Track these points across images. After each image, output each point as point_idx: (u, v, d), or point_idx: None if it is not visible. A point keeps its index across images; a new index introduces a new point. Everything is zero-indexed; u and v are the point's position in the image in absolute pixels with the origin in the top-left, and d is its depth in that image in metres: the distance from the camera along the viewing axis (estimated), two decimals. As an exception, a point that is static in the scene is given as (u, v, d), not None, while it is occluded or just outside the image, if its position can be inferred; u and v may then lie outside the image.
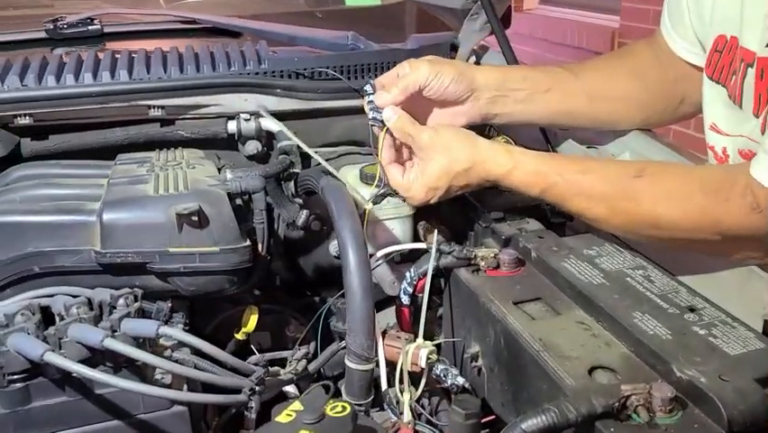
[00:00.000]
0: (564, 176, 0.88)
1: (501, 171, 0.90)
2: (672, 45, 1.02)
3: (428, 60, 0.99)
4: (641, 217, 0.83)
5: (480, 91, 1.01)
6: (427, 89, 0.98)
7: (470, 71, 1.01)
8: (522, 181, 0.90)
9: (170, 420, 0.76)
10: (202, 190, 0.92)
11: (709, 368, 0.66)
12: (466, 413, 0.59)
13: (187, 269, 0.89)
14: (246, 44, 1.31)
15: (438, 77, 0.97)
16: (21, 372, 0.70)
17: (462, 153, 0.91)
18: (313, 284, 1.28)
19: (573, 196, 0.88)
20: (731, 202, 0.75)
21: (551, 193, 0.89)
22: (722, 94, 0.89)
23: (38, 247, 0.85)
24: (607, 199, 0.85)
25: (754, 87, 0.82)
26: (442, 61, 1.00)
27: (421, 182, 0.93)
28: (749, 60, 0.82)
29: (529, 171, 0.89)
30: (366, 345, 0.82)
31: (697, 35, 0.98)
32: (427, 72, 0.97)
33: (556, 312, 0.80)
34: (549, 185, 0.88)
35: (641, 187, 0.83)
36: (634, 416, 0.63)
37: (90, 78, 1.15)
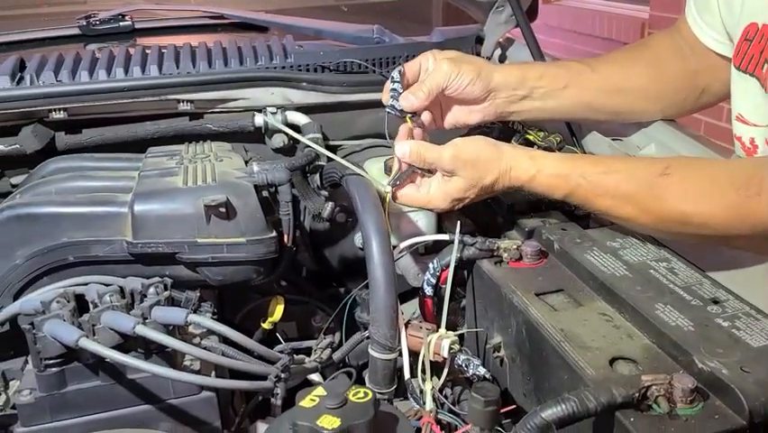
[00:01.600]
0: (588, 177, 0.87)
1: (525, 177, 0.90)
2: (699, 34, 1.01)
3: (449, 59, 0.99)
4: (669, 215, 0.82)
5: (498, 91, 1.02)
6: (448, 89, 0.99)
7: (488, 71, 1.01)
8: (546, 185, 0.90)
9: (199, 405, 0.78)
10: (229, 182, 0.94)
11: (731, 360, 0.66)
12: (485, 400, 0.60)
13: (215, 259, 0.91)
14: (273, 38, 1.33)
15: (458, 77, 0.98)
16: (57, 357, 0.73)
17: (490, 166, 0.90)
18: (338, 275, 1.30)
19: (598, 197, 0.87)
20: (763, 195, 0.74)
21: (575, 195, 0.88)
22: (751, 84, 0.88)
23: (72, 237, 0.88)
24: (633, 199, 0.85)
25: None
26: (462, 60, 1.00)
27: (444, 194, 0.92)
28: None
29: (552, 175, 0.89)
30: (389, 335, 0.84)
31: (725, 25, 0.97)
32: (448, 72, 0.98)
33: (578, 303, 0.81)
34: (573, 187, 0.88)
35: (667, 185, 0.82)
36: (654, 406, 0.63)
37: (122, 74, 1.18)
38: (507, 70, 1.03)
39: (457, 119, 1.04)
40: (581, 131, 1.19)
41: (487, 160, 0.90)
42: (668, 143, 1.07)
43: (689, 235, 0.83)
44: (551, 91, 1.03)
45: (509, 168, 0.90)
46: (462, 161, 0.89)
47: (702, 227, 0.79)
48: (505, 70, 1.03)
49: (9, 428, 0.86)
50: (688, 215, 0.80)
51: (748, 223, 0.76)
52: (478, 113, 1.02)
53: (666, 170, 0.84)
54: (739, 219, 0.76)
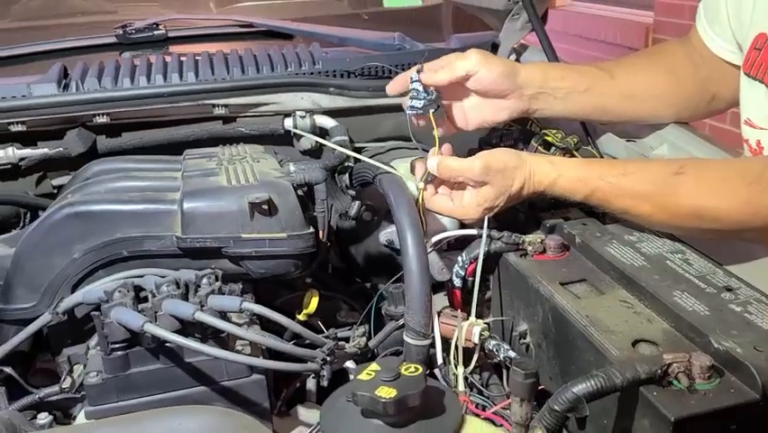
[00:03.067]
0: (606, 179, 0.92)
1: (548, 181, 0.95)
2: (710, 43, 1.08)
3: (477, 51, 1.05)
4: (685, 211, 0.88)
5: (524, 88, 1.07)
6: (475, 78, 1.03)
7: (516, 67, 1.07)
8: (567, 188, 0.95)
9: (250, 387, 0.84)
10: (270, 181, 1.01)
11: (745, 340, 0.72)
12: (526, 373, 0.66)
13: (258, 253, 0.97)
14: (300, 46, 1.40)
15: (487, 67, 1.03)
16: (121, 341, 0.79)
17: (516, 173, 0.95)
18: (363, 271, 1.35)
19: (616, 197, 0.92)
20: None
21: (595, 197, 0.94)
22: (760, 90, 0.95)
23: (126, 233, 0.94)
24: (650, 197, 0.90)
25: None
26: (491, 55, 1.06)
27: (477, 204, 0.97)
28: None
29: (572, 178, 0.95)
30: (424, 323, 0.90)
31: (734, 34, 1.03)
32: (477, 62, 1.03)
33: (600, 292, 0.87)
34: (592, 189, 0.94)
35: (682, 183, 0.88)
36: (675, 382, 0.69)
37: (161, 80, 1.24)
38: (531, 69, 1.09)
39: (484, 117, 1.09)
40: (596, 132, 1.25)
41: (513, 168, 0.96)
42: (680, 144, 1.13)
43: (703, 231, 0.89)
44: (571, 93, 1.09)
45: (532, 173, 0.96)
46: (493, 171, 0.95)
47: (716, 221, 0.85)
48: (530, 69, 1.09)
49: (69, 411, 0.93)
50: (702, 210, 0.86)
51: (760, 216, 0.82)
52: (505, 110, 1.08)
53: (680, 169, 0.90)
54: (752, 213, 0.82)
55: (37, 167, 1.26)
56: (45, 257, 0.93)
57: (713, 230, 0.87)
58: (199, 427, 0.68)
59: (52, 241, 0.93)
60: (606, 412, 0.74)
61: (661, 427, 0.66)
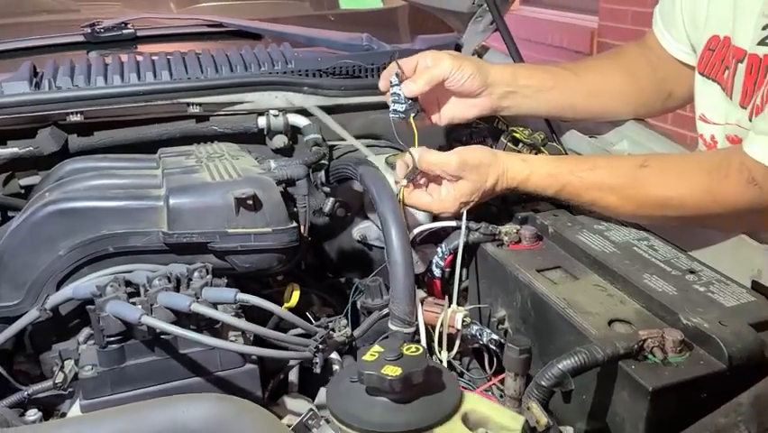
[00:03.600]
0: (576, 174, 0.98)
1: (520, 177, 1.01)
2: (666, 45, 1.15)
3: (451, 55, 1.10)
4: (649, 201, 0.94)
5: (494, 87, 1.13)
6: (448, 81, 1.09)
7: (486, 67, 1.13)
8: (539, 184, 1.01)
9: (243, 377, 0.86)
10: (254, 177, 1.03)
11: (711, 316, 0.78)
12: (520, 349, 0.70)
13: (244, 247, 0.98)
14: (271, 46, 1.42)
15: (460, 71, 1.08)
16: (117, 334, 0.80)
17: (490, 170, 1.00)
18: (336, 267, 1.38)
19: (586, 190, 0.98)
20: (730, 179, 0.87)
21: (566, 191, 1.00)
22: (713, 88, 1.02)
23: (112, 229, 0.94)
24: (617, 190, 0.96)
25: (743, 80, 0.94)
26: (462, 57, 1.12)
27: (453, 198, 1.02)
28: (740, 57, 0.95)
29: (544, 174, 1.00)
30: (408, 311, 0.93)
31: (688, 36, 1.11)
32: (450, 66, 1.08)
33: (575, 277, 0.92)
34: (563, 184, 0.99)
35: (647, 174, 0.95)
36: (650, 356, 0.75)
37: (135, 79, 1.25)
38: (500, 68, 1.15)
39: (455, 113, 1.15)
40: (561, 129, 1.31)
41: (487, 164, 1.01)
42: (639, 140, 1.20)
43: (668, 219, 0.96)
44: (539, 91, 1.15)
45: (506, 170, 1.01)
46: (469, 167, 1.00)
47: (679, 209, 0.92)
48: (499, 68, 1.15)
49: (56, 408, 0.93)
50: (667, 200, 0.93)
51: (720, 203, 0.89)
52: (475, 107, 1.13)
53: (645, 162, 0.96)
54: (711, 200, 0.89)
55: (5, 166, 1.24)
56: (29, 255, 0.93)
57: (677, 217, 0.94)
58: (202, 413, 0.69)
59: (36, 238, 0.93)
60: (585, 389, 0.79)
61: (639, 397, 0.72)
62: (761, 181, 0.84)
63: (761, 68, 0.92)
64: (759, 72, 0.92)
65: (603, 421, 0.78)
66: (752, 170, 0.85)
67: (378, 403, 0.63)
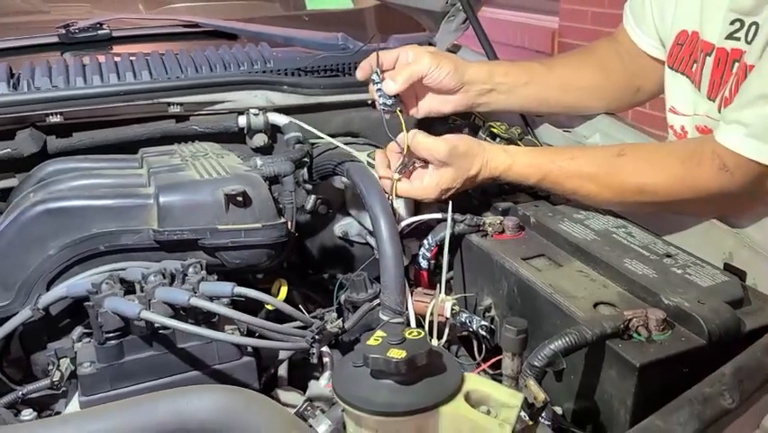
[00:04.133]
0: (557, 163, 1.02)
1: (503, 167, 1.04)
2: (637, 40, 1.20)
3: (430, 52, 1.13)
4: (626, 188, 0.98)
5: (471, 84, 1.17)
6: (427, 78, 1.12)
7: (463, 66, 1.16)
8: (521, 173, 1.04)
9: (240, 369, 0.87)
10: (242, 174, 1.04)
11: (690, 296, 0.83)
12: (517, 329, 0.73)
13: (234, 243, 1.00)
14: (248, 46, 1.43)
15: (438, 69, 1.12)
16: (115, 330, 0.80)
17: (474, 159, 1.04)
18: (318, 263, 1.40)
19: (566, 179, 1.02)
20: (703, 166, 0.92)
21: (547, 180, 1.03)
22: (682, 81, 1.07)
23: (102, 228, 0.95)
24: (595, 178, 1.00)
25: (711, 73, 1.00)
26: (441, 55, 1.15)
27: (437, 184, 1.04)
28: (708, 51, 1.01)
29: (525, 164, 1.04)
30: (399, 301, 0.96)
31: (658, 31, 1.16)
32: (429, 64, 1.11)
33: (558, 264, 0.96)
34: (545, 173, 1.03)
35: (623, 163, 0.99)
36: (635, 335, 0.78)
37: (114, 79, 1.24)
38: (478, 66, 1.18)
39: (432, 107, 1.18)
40: (535, 123, 1.36)
41: (474, 154, 1.04)
42: (610, 133, 1.25)
43: (643, 205, 1.00)
44: (514, 87, 1.19)
45: (489, 160, 1.05)
46: (457, 154, 1.03)
47: (654, 196, 0.97)
48: (476, 66, 1.18)
49: (50, 407, 0.92)
50: (642, 186, 0.97)
51: (693, 189, 0.93)
52: (451, 104, 1.17)
53: (621, 151, 1.01)
54: (685, 187, 0.94)
55: (-19, 168, 1.22)
56: (19, 255, 0.93)
57: (652, 203, 0.98)
58: (208, 404, 0.70)
59: (26, 239, 0.93)
60: (574, 370, 0.83)
61: (627, 373, 0.75)
62: (732, 168, 0.89)
63: (728, 61, 0.97)
64: (726, 65, 0.97)
65: (592, 400, 0.81)
66: (723, 157, 0.90)
67: (383, 386, 0.65)
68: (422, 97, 1.18)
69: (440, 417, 0.64)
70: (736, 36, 0.97)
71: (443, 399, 0.65)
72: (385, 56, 1.12)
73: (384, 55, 1.12)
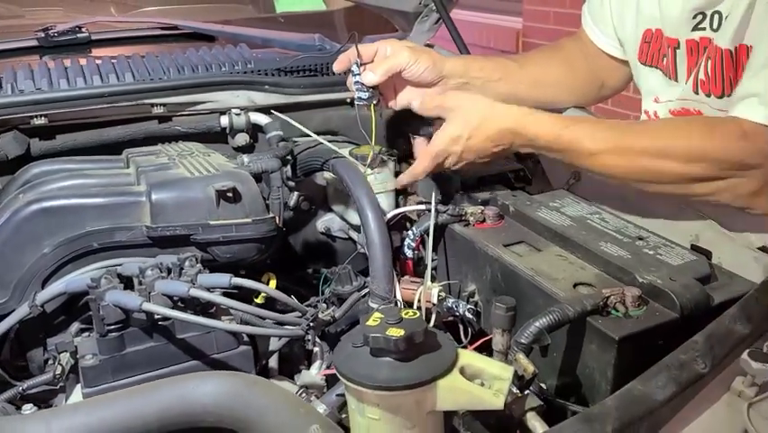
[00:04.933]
0: (578, 122, 1.05)
1: (515, 117, 1.05)
2: (595, 40, 1.27)
3: (408, 47, 1.17)
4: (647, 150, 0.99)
5: (449, 78, 1.21)
6: (405, 72, 1.16)
7: (441, 60, 1.21)
8: (539, 124, 1.04)
9: (238, 358, 0.90)
10: (231, 171, 1.07)
11: (662, 274, 0.88)
12: (507, 307, 0.78)
13: (226, 238, 1.03)
14: (228, 47, 1.45)
15: (417, 63, 1.16)
16: (116, 322, 0.83)
17: (478, 106, 1.07)
18: (302, 259, 1.43)
19: (587, 136, 1.01)
20: (724, 134, 0.96)
21: (565, 135, 1.02)
22: (656, 73, 1.14)
23: (96, 226, 0.97)
24: (616, 139, 1.01)
25: (686, 62, 1.07)
26: (419, 49, 1.19)
27: (434, 147, 1.08)
28: (674, 45, 1.08)
29: (545, 117, 1.05)
30: (387, 289, 1.00)
31: (616, 32, 1.23)
32: (408, 58, 1.15)
33: (538, 250, 1.01)
34: (566, 124, 1.03)
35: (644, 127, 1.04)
36: (613, 311, 0.84)
37: (98, 81, 1.26)
38: (454, 61, 1.23)
39: (410, 100, 1.22)
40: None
41: (476, 100, 1.10)
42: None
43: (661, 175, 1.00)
44: (487, 82, 1.24)
45: (497, 110, 1.07)
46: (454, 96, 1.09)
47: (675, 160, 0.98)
48: (453, 60, 1.23)
49: (49, 403, 0.94)
50: (662, 149, 0.99)
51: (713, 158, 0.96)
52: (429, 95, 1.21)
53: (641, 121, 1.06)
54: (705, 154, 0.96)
55: (-37, 172, 1.22)
56: (14, 254, 0.94)
57: (671, 174, 0.99)
58: (213, 389, 0.73)
59: (21, 238, 0.94)
60: (556, 347, 0.87)
61: (607, 347, 0.81)
62: (750, 135, 0.94)
63: (699, 49, 1.04)
64: (698, 53, 1.04)
65: (574, 374, 0.86)
66: (742, 125, 0.95)
67: (383, 363, 0.69)
68: (400, 90, 1.22)
69: (438, 390, 0.68)
70: (701, 27, 1.04)
71: (440, 373, 0.69)
72: (364, 50, 1.15)
73: (363, 49, 1.15)
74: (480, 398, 0.68)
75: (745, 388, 0.69)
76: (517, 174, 1.24)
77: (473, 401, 0.69)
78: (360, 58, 1.15)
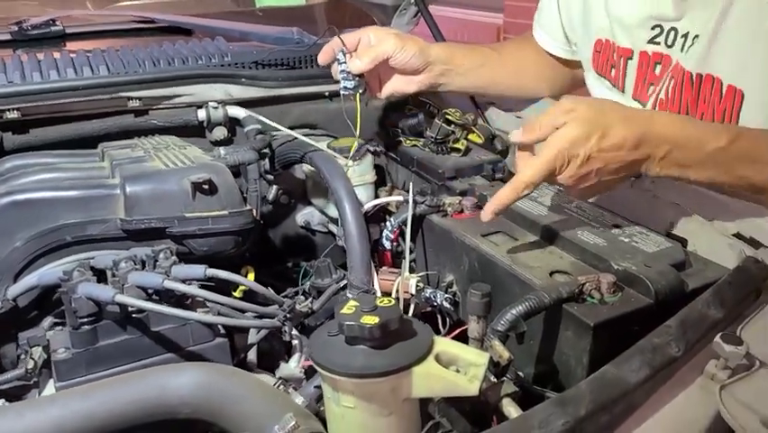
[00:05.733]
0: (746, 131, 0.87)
1: (667, 120, 0.85)
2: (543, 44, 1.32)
3: (394, 34, 1.17)
4: None
5: (434, 65, 1.22)
6: (392, 60, 1.16)
7: (427, 47, 1.21)
8: (696, 129, 0.85)
9: (213, 351, 0.89)
10: (207, 163, 1.06)
11: (637, 261, 0.89)
12: (482, 294, 0.78)
13: (202, 231, 1.02)
14: (205, 40, 1.44)
15: (403, 50, 1.16)
16: (89, 315, 0.82)
17: (607, 111, 0.82)
18: (282, 252, 1.42)
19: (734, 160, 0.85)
20: None
21: (733, 149, 0.84)
22: (605, 83, 1.16)
23: (69, 219, 0.96)
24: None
25: (635, 75, 1.07)
26: (405, 36, 1.19)
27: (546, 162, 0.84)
28: (628, 55, 1.09)
29: (701, 124, 0.90)
30: (365, 280, 1.00)
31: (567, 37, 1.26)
32: (394, 45, 1.15)
33: (515, 239, 1.01)
34: (735, 135, 0.85)
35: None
36: (589, 298, 0.84)
37: (72, 74, 1.24)
38: (439, 47, 1.24)
39: (396, 88, 1.22)
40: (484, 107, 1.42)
41: (605, 101, 0.86)
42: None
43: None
44: (471, 69, 1.25)
45: (632, 112, 0.86)
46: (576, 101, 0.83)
47: None
48: (438, 47, 1.24)
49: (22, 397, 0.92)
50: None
51: None
52: (415, 83, 1.21)
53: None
54: None
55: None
56: (-15, 248, 0.93)
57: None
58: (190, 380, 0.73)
59: (-8, 231, 0.93)
60: (532, 335, 0.87)
61: (583, 333, 0.81)
62: None
63: (650, 63, 1.05)
64: (648, 67, 1.05)
65: (551, 361, 0.86)
66: None
67: (358, 351, 0.69)
68: (386, 78, 1.22)
69: (413, 377, 0.68)
70: (657, 41, 1.05)
71: (415, 360, 0.68)
72: (346, 39, 1.15)
73: (345, 38, 1.14)
74: (455, 384, 0.68)
75: (718, 371, 0.70)
76: (495, 165, 1.24)
77: (448, 388, 0.68)
78: (345, 46, 1.14)
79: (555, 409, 0.61)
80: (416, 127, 1.34)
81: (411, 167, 1.28)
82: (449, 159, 1.26)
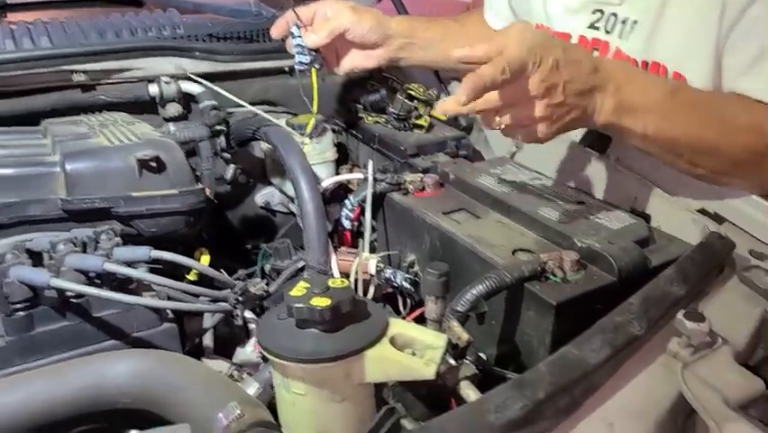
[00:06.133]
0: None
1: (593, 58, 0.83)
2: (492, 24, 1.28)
3: (351, 7, 1.12)
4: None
5: (393, 38, 1.17)
6: (349, 33, 1.11)
7: (386, 20, 1.16)
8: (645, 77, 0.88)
9: (161, 337, 0.85)
10: (155, 140, 1.00)
11: (600, 237, 0.86)
12: (439, 273, 0.75)
13: (150, 211, 0.96)
14: (157, 12, 1.37)
15: (360, 23, 1.11)
16: (23, 300, 0.76)
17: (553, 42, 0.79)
18: (240, 234, 1.38)
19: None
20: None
21: (677, 99, 0.85)
22: None
23: (5, 199, 0.90)
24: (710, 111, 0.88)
25: None
26: (362, 9, 1.14)
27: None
28: (567, 40, 1.06)
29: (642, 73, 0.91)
30: (323, 260, 0.96)
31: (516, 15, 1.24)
32: (351, 18, 1.10)
33: (477, 217, 0.98)
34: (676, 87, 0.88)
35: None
36: (551, 276, 0.81)
37: (11, 46, 1.17)
38: (399, 20, 1.19)
39: (354, 63, 1.17)
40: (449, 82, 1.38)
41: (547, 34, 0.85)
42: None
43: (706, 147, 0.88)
44: (432, 42, 1.20)
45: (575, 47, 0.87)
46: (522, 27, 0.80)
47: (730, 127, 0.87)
48: (398, 20, 1.19)
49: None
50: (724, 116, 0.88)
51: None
52: (374, 58, 1.16)
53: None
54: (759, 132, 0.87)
55: None
56: None
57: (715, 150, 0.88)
58: (128, 368, 0.68)
59: None
60: (494, 315, 0.85)
61: (545, 312, 0.78)
62: None
63: (588, 49, 1.03)
64: None
65: (512, 342, 0.84)
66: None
67: (308, 335, 0.65)
68: (344, 53, 1.17)
69: (366, 360, 0.65)
70: (597, 26, 1.02)
71: (368, 343, 0.65)
72: (302, 12, 1.10)
73: (301, 11, 1.09)
74: (410, 368, 0.65)
75: (680, 349, 0.67)
76: (459, 142, 1.20)
77: (404, 372, 0.65)
78: (299, 20, 1.09)
79: (513, 393, 0.59)
80: (379, 103, 1.30)
81: (373, 144, 1.25)
82: (411, 135, 1.23)
